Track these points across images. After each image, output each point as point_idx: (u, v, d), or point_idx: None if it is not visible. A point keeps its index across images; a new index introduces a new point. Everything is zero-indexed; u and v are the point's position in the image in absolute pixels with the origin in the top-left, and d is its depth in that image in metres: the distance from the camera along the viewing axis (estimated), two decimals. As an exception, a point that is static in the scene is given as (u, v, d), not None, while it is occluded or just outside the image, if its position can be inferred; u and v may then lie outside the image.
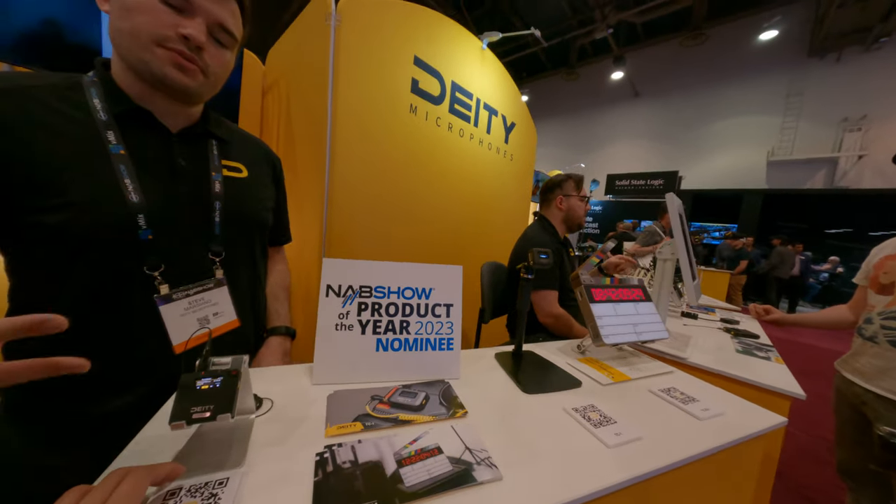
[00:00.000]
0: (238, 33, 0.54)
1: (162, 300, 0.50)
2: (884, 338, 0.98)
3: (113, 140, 0.47)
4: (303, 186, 1.32)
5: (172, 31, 0.45)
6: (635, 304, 0.86)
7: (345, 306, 0.63)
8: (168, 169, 0.53)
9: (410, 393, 0.59)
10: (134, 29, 0.44)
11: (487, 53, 1.76)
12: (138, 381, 0.51)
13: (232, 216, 0.58)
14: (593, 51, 9.68)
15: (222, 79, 0.56)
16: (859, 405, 1.02)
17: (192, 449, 0.42)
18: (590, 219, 9.80)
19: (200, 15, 0.47)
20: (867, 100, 6.58)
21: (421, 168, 1.50)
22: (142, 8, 0.44)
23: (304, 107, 1.37)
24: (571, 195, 1.46)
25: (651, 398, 0.66)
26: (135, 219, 0.47)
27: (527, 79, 11.60)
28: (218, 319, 0.56)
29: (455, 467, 0.42)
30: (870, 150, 6.45)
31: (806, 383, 0.84)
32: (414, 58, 1.40)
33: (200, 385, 0.39)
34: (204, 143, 0.58)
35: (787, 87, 7.38)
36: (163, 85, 0.48)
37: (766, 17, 7.49)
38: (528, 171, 2.35)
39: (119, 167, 0.47)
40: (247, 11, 0.55)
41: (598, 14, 7.38)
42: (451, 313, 0.69)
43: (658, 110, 9.24)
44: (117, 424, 0.47)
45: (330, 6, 1.19)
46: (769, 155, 7.48)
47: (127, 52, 0.47)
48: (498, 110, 1.87)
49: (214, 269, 0.56)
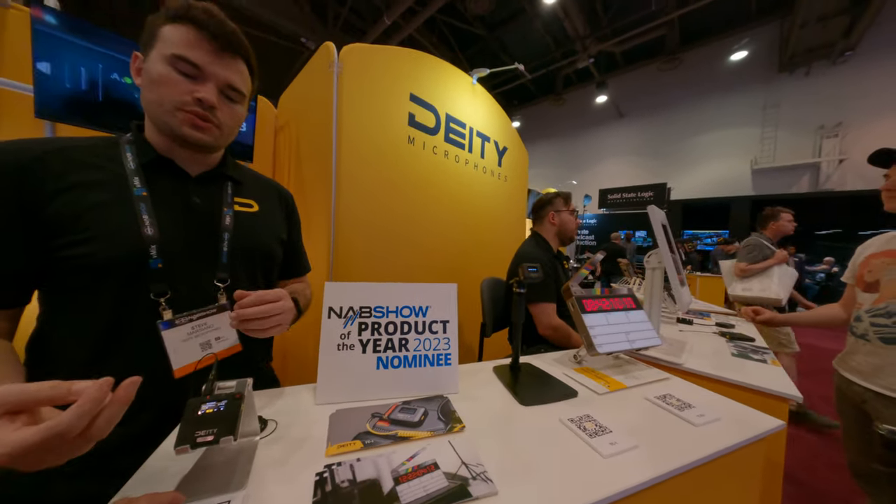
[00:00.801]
0: (246, 90, 0.58)
1: (165, 324, 0.52)
2: (874, 335, 0.94)
3: (137, 184, 0.52)
4: (311, 215, 1.35)
5: (189, 97, 0.51)
6: (626, 313, 0.84)
7: (346, 327, 0.63)
8: (183, 206, 0.56)
9: (410, 409, 0.58)
10: (159, 98, 0.51)
11: (478, 87, 1.83)
12: (139, 407, 0.51)
13: (239, 246, 0.60)
14: (577, 78, 10.00)
15: (235, 129, 0.60)
16: (860, 403, 0.96)
17: (198, 472, 0.41)
18: (586, 231, 9.78)
19: (211, 80, 0.52)
20: (840, 108, 6.62)
21: (420, 192, 1.53)
22: (163, 81, 0.50)
23: (312, 143, 1.43)
24: (562, 210, 1.48)
25: (647, 405, 0.64)
26: (147, 249, 0.51)
27: (518, 106, 11.96)
28: (220, 344, 0.57)
29: (451, 483, 0.41)
30: (849, 154, 6.42)
31: (810, 385, 0.80)
32: (410, 95, 1.46)
33: (205, 409, 0.39)
34: (221, 183, 0.62)
35: (763, 100, 7.47)
36: (183, 141, 0.54)
37: (734, 40, 7.71)
38: (522, 190, 2.38)
39: (140, 206, 0.51)
40: (254, 69, 0.59)
41: (580, 46, 7.67)
42: (447, 329, 0.68)
43: (643, 128, 9.38)
44: (118, 453, 0.47)
45: (333, 55, 1.26)
46: (753, 163, 7.48)
47: (154, 116, 0.53)
48: (490, 136, 1.93)
49: (219, 295, 0.57)
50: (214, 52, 0.52)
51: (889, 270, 0.95)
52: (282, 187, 0.77)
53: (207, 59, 0.51)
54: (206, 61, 0.51)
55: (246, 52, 0.56)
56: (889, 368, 0.90)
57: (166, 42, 0.50)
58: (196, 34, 0.50)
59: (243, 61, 0.56)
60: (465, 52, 8.79)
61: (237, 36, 0.54)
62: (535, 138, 11.43)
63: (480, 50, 8.67)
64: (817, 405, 2.28)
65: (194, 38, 0.50)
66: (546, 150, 11.37)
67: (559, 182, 10.74)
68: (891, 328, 0.91)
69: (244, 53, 0.56)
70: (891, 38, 6.11)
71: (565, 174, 10.91)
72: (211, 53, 0.51)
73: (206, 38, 0.50)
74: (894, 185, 0.96)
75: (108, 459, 0.48)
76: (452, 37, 8.25)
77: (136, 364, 0.51)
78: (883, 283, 0.96)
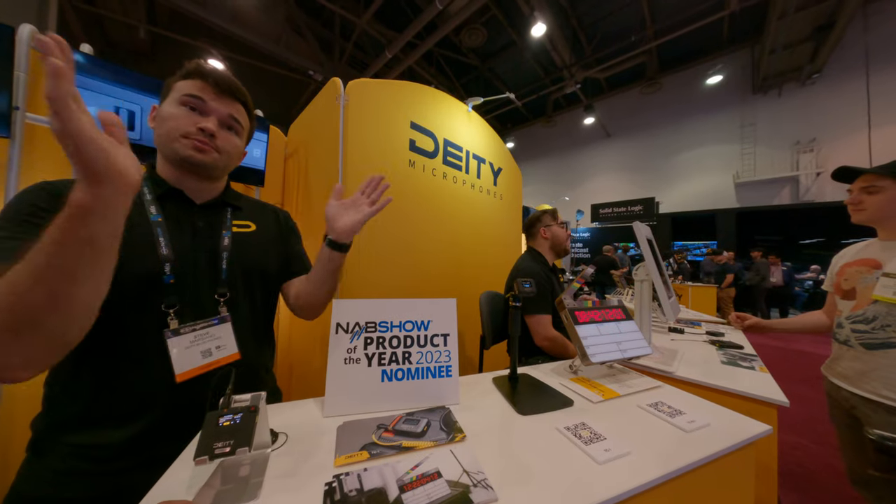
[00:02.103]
0: (245, 124, 0.66)
1: (171, 333, 0.55)
2: (856, 341, 0.94)
3: (154, 212, 0.58)
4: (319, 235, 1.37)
5: (193, 127, 0.57)
6: (617, 324, 0.86)
7: (352, 341, 0.65)
8: (190, 230, 0.62)
9: (413, 420, 0.59)
10: (168, 131, 0.58)
11: (473, 114, 1.91)
12: (143, 407, 0.54)
13: (237, 263, 0.65)
14: (566, 102, 10.35)
15: (234, 158, 0.66)
16: (850, 409, 0.96)
17: (214, 483, 0.42)
18: (579, 244, 9.83)
19: (213, 114, 0.60)
20: (812, 125, 6.82)
21: (421, 212, 1.57)
22: (172, 116, 0.57)
23: (320, 168, 1.48)
24: (551, 224, 1.52)
25: (639, 413, 0.64)
26: (162, 266, 0.55)
27: (511, 128, 12.30)
28: (220, 352, 0.60)
29: (453, 490, 0.41)
30: (825, 167, 6.55)
31: (808, 391, 0.80)
32: (410, 123, 1.53)
33: (223, 422, 0.40)
34: (221, 209, 0.68)
35: (740, 119, 7.69)
36: (187, 164, 0.59)
37: (709, 65, 8.04)
38: (517, 207, 2.43)
39: (156, 230, 0.57)
40: (250, 108, 0.67)
41: (567, 73, 7.99)
42: (448, 342, 0.70)
43: (629, 146, 9.61)
44: (124, 453, 0.51)
45: (339, 89, 1.33)
46: (735, 177, 7.61)
47: (163, 146, 0.59)
48: (485, 158, 1.99)
49: (220, 307, 0.61)
50: (217, 94, 0.60)
51: (863, 278, 0.97)
52: (278, 208, 0.82)
53: (210, 97, 0.59)
54: (209, 97, 0.59)
55: (244, 97, 0.64)
56: (873, 373, 0.90)
57: (178, 91, 0.58)
58: (202, 83, 0.59)
59: (242, 105, 0.64)
60: (460, 81, 9.13)
61: (237, 85, 0.63)
62: (529, 158, 11.68)
63: (475, 78, 9.02)
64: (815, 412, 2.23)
65: (200, 85, 0.59)
66: (539, 169, 11.60)
67: (553, 198, 10.90)
68: (871, 334, 0.92)
69: (242, 98, 0.64)
70: (852, 62, 6.39)
71: (558, 191, 11.08)
72: (214, 94, 0.59)
73: (211, 84, 0.59)
74: (856, 200, 0.99)
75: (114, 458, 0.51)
76: (449, 67, 8.60)
77: (141, 366, 0.54)
78: (859, 291, 0.97)
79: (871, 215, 0.96)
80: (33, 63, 1.00)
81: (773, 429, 0.62)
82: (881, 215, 0.94)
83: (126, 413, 0.53)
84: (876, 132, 6.13)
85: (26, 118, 0.98)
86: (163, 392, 0.54)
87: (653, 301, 1.07)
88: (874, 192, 0.95)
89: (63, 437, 0.51)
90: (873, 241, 1.02)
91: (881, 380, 0.88)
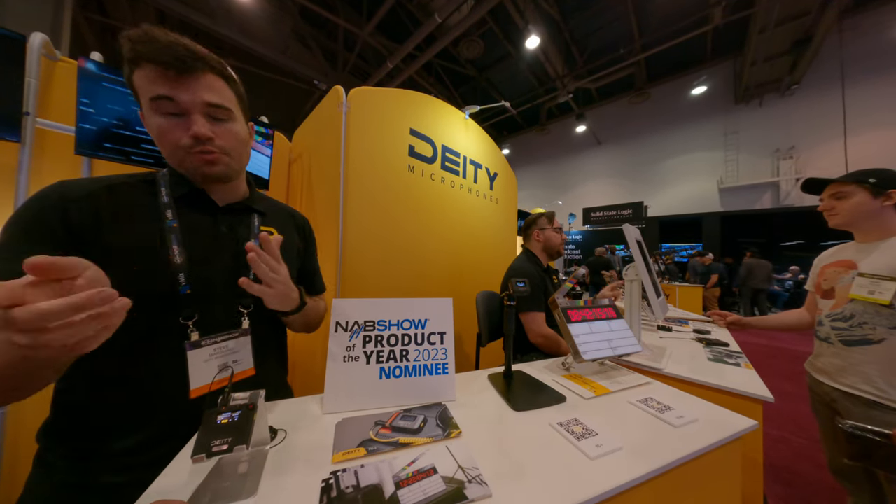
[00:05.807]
0: (229, 102, 0.53)
1: (191, 346, 0.51)
2: (836, 338, 0.94)
3: (170, 216, 0.52)
4: (321, 236, 1.36)
5: (187, 139, 0.49)
6: (608, 322, 0.85)
7: (351, 340, 0.63)
8: (211, 236, 0.56)
9: (410, 417, 0.58)
10: (167, 152, 0.51)
11: (470, 121, 1.91)
12: (151, 423, 0.50)
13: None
14: (559, 111, 10.40)
15: (242, 150, 0.57)
16: (830, 403, 0.95)
17: (212, 479, 0.41)
18: (572, 246, 9.84)
19: (192, 109, 0.49)
20: (792, 133, 6.89)
21: (420, 215, 1.57)
22: (161, 130, 0.49)
23: (323, 173, 1.47)
24: (546, 228, 1.51)
25: (630, 409, 0.64)
26: (176, 277, 0.50)
27: (507, 135, 12.34)
28: (236, 366, 0.56)
29: (448, 486, 0.40)
30: (804, 173, 6.60)
31: (791, 387, 0.80)
32: (410, 129, 1.52)
33: (220, 420, 0.39)
34: (248, 216, 0.62)
35: (723, 127, 7.75)
36: (205, 178, 0.54)
37: (694, 76, 8.12)
38: (512, 210, 2.43)
39: (171, 236, 0.51)
40: (226, 73, 0.53)
41: (559, 83, 8.04)
42: (444, 340, 0.69)
43: (619, 153, 9.66)
44: (134, 467, 0.47)
45: (342, 97, 1.32)
46: (719, 183, 7.66)
47: (175, 165, 0.53)
48: (482, 164, 1.99)
49: (242, 319, 0.57)
50: (178, 78, 0.47)
51: (841, 279, 0.97)
52: (297, 213, 0.76)
53: (175, 86, 0.47)
54: (174, 92, 0.47)
55: (207, 63, 0.49)
56: (851, 369, 0.90)
57: (141, 90, 0.47)
58: (154, 69, 0.46)
59: (211, 73, 0.50)
60: (458, 90, 9.16)
61: (191, 51, 0.47)
62: (524, 164, 11.71)
63: (472, 88, 9.05)
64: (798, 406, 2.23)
65: (154, 73, 0.46)
66: (533, 174, 11.63)
67: (546, 202, 10.92)
68: (849, 331, 0.92)
69: (208, 65, 0.49)
70: (829, 74, 6.46)
71: (551, 195, 11.11)
72: (175, 81, 0.47)
73: (162, 69, 0.46)
74: (828, 206, 1.01)
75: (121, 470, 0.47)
76: (447, 77, 8.63)
77: (158, 380, 0.50)
78: (837, 290, 0.97)
79: (845, 219, 0.97)
80: (43, 70, 0.99)
81: (759, 423, 0.61)
82: (853, 219, 0.96)
83: (136, 426, 0.49)
84: (851, 140, 6.20)
85: (36, 123, 0.97)
86: (175, 406, 0.50)
87: (642, 300, 1.06)
88: (842, 196, 0.97)
89: (69, 450, 0.48)
90: (850, 243, 1.03)
91: (859, 374, 0.88)
